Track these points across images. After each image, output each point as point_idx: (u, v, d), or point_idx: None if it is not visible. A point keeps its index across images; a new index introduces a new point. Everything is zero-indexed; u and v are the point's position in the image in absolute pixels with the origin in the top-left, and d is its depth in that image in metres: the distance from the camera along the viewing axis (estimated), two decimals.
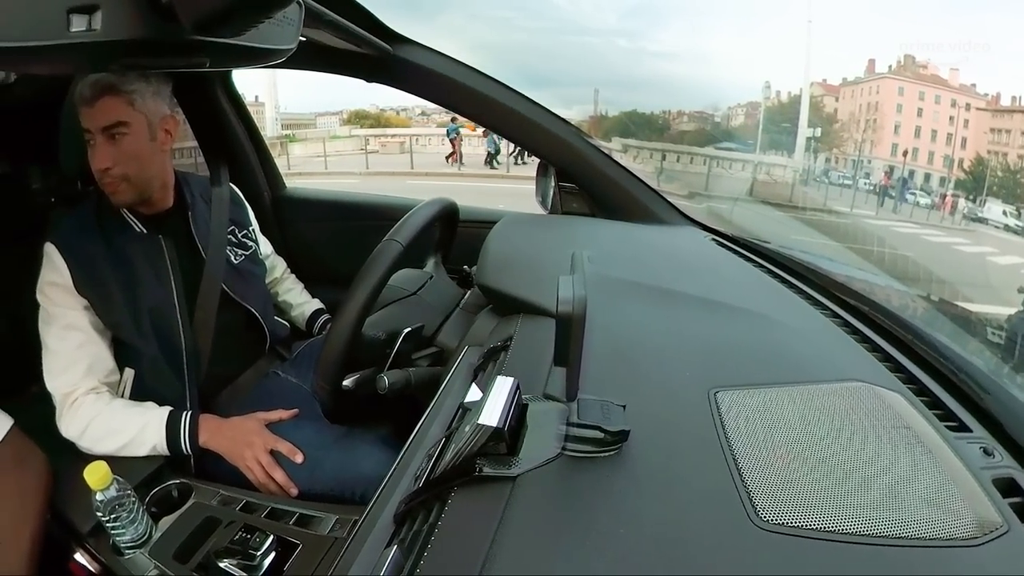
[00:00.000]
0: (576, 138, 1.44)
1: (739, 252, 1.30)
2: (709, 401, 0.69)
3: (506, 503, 0.56)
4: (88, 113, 1.14)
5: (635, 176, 1.47)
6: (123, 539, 0.95)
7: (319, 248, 1.98)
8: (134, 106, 1.15)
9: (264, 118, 23.17)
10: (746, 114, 19.46)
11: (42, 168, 2.48)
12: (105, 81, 1.12)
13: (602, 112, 17.82)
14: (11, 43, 0.43)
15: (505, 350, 0.87)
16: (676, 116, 20.12)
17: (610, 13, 57.88)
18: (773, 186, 14.74)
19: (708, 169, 15.17)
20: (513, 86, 1.41)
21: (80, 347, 1.17)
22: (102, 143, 1.15)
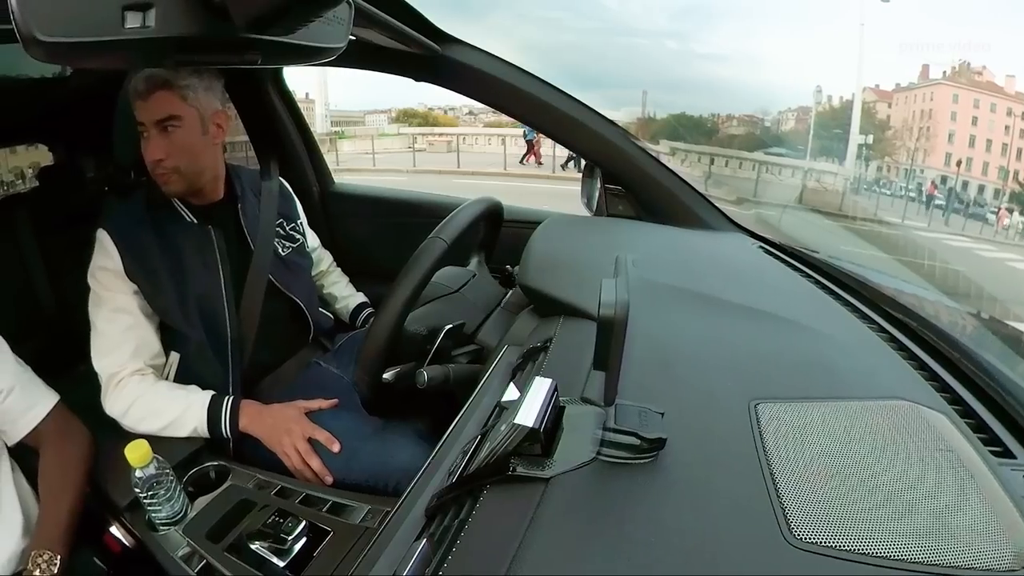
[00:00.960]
0: (623, 140, 1.43)
1: (786, 261, 1.27)
2: (749, 413, 0.67)
3: (537, 504, 0.55)
4: (142, 107, 1.18)
5: (682, 180, 1.45)
6: (159, 516, 0.98)
7: (365, 243, 2.01)
8: (186, 100, 1.18)
9: (314, 115, 23.63)
10: (797, 119, 18.98)
11: (96, 158, 2.60)
12: (159, 76, 1.16)
13: (650, 114, 17.61)
14: (68, 38, 0.45)
15: (544, 351, 0.87)
16: (725, 120, 19.75)
17: (659, 14, 57.24)
18: (823, 194, 14.33)
19: (757, 174, 14.84)
20: (561, 87, 1.40)
21: (128, 330, 1.21)
22: (155, 136, 1.19)
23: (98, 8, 0.46)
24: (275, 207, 1.45)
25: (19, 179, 3.82)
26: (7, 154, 3.80)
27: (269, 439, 1.17)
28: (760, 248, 1.33)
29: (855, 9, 18.73)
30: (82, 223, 1.41)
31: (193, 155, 1.22)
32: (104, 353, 1.21)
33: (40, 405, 1.11)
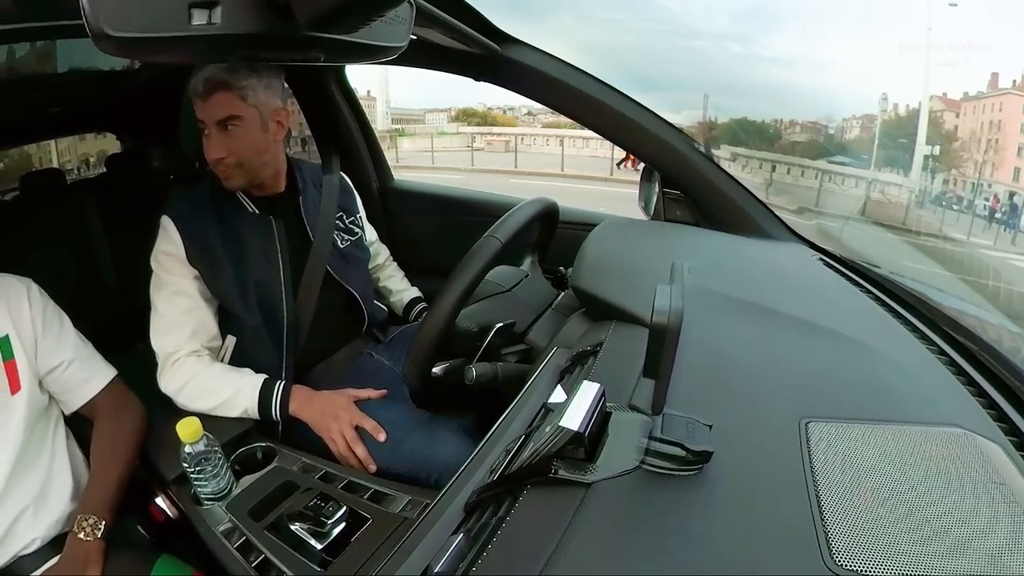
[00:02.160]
0: (683, 144, 1.40)
1: (846, 275, 1.22)
2: (799, 431, 0.65)
3: (577, 508, 0.55)
4: (202, 107, 1.21)
5: (743, 186, 1.41)
6: (204, 491, 1.01)
7: (422, 239, 2.03)
8: (246, 100, 1.21)
9: (375, 112, 24.01)
10: (861, 127, 18.15)
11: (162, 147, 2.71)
12: (217, 77, 1.19)
13: (711, 118, 17.16)
14: (135, 34, 0.47)
15: (594, 355, 0.86)
16: (788, 126, 19.09)
17: (722, 16, 55.86)
18: (887, 206, 13.69)
19: (820, 183, 14.31)
20: (621, 89, 1.39)
21: (187, 312, 1.26)
22: (216, 134, 1.22)
23: (165, 5, 0.47)
24: (335, 201, 1.48)
25: (83, 165, 4.04)
26: (76, 141, 4.02)
27: (317, 424, 1.20)
28: (820, 260, 1.29)
29: (922, 13, 17.82)
30: (147, 209, 1.47)
31: (254, 152, 1.25)
32: (163, 333, 1.26)
33: (98, 378, 1.17)
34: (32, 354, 1.10)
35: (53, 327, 1.14)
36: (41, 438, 1.09)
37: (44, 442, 1.10)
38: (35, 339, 1.11)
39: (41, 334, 1.11)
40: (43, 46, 1.87)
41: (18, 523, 1.01)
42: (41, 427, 1.10)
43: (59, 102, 2.31)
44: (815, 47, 32.43)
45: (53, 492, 1.07)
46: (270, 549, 0.90)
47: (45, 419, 1.11)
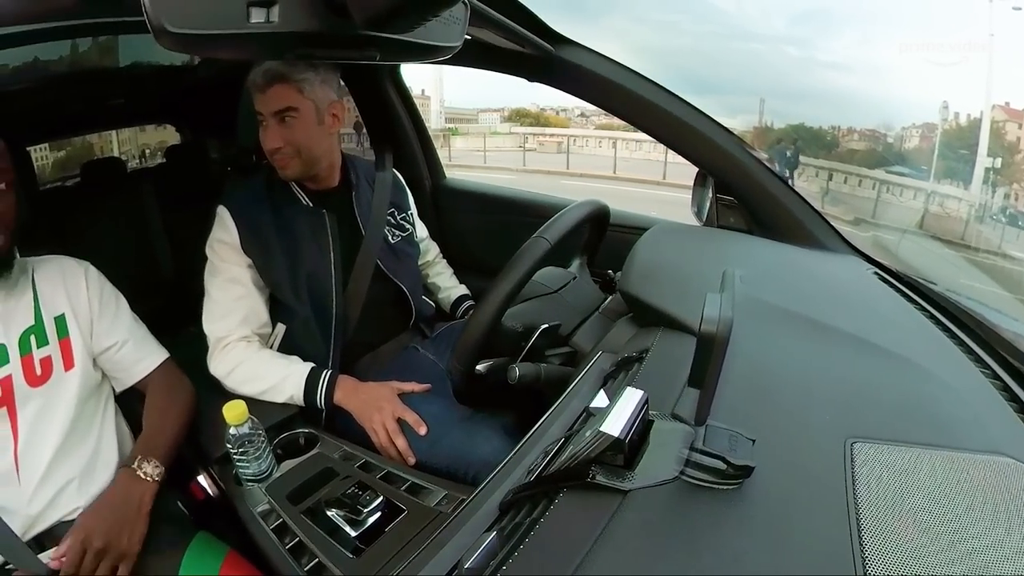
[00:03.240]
0: (738, 149, 1.37)
1: (901, 291, 1.17)
2: (844, 451, 0.63)
3: (612, 515, 0.54)
4: (261, 98, 1.26)
5: (798, 194, 1.37)
6: (246, 472, 1.04)
7: (471, 237, 2.04)
8: (303, 93, 1.25)
9: (429, 111, 24.25)
10: (921, 136, 17.32)
11: (220, 140, 2.80)
12: (276, 70, 1.23)
13: (767, 123, 16.72)
14: (195, 30, 0.48)
15: (639, 361, 0.85)
16: (846, 133, 18.39)
17: (778, 18, 54.33)
18: (946, 220, 13.04)
19: (877, 194, 13.76)
20: (676, 92, 1.36)
21: (239, 299, 1.30)
22: (273, 126, 1.26)
23: (224, 3, 0.49)
24: (387, 197, 1.51)
25: (143, 155, 4.21)
26: (137, 132, 4.18)
27: (360, 414, 1.22)
28: (875, 274, 1.24)
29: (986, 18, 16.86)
30: (204, 199, 1.52)
31: (309, 144, 1.29)
32: (215, 318, 1.30)
33: (150, 358, 1.23)
34: (87, 333, 1.15)
35: (109, 308, 1.19)
36: (92, 414, 1.14)
37: (94, 418, 1.15)
38: (91, 319, 1.16)
39: (97, 315, 1.17)
40: (105, 41, 1.96)
41: (63, 492, 1.06)
42: (92, 403, 1.15)
43: (120, 94, 2.41)
44: (874, 51, 31.23)
45: (99, 466, 1.11)
46: (305, 533, 0.92)
47: (96, 396, 1.16)
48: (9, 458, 1.03)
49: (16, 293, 1.10)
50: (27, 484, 1.03)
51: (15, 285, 1.11)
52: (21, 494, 1.02)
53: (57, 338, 1.12)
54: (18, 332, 1.08)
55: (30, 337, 1.09)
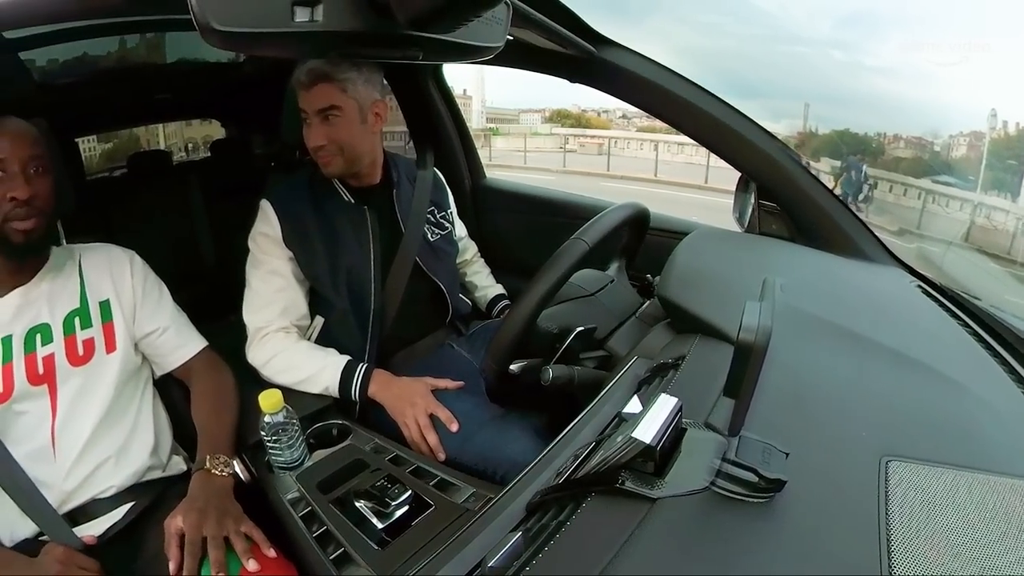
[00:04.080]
0: (782, 155, 1.34)
1: (945, 305, 1.14)
2: (879, 469, 0.62)
3: (639, 523, 0.54)
4: (305, 96, 1.28)
5: (842, 202, 1.34)
6: (278, 460, 1.06)
7: (510, 237, 2.04)
8: (346, 92, 1.27)
9: (471, 111, 24.36)
10: (968, 145, 16.63)
11: (264, 136, 2.85)
12: (320, 69, 1.25)
13: (811, 128, 16.29)
14: (241, 28, 0.49)
15: (675, 368, 0.84)
16: (892, 140, 17.79)
17: (824, 21, 52.94)
18: (993, 233, 12.49)
19: (923, 204, 13.28)
20: (718, 95, 1.34)
21: (279, 291, 1.32)
22: (317, 123, 1.28)
23: (270, 2, 0.50)
24: (428, 195, 1.52)
25: (188, 149, 4.32)
26: (183, 126, 4.29)
27: (393, 408, 1.23)
28: (918, 287, 1.21)
29: None
30: (247, 193, 1.55)
31: (352, 142, 1.31)
32: (255, 309, 1.33)
33: (190, 345, 1.26)
34: (130, 319, 1.19)
35: (152, 295, 1.24)
36: (130, 396, 1.18)
37: (132, 400, 1.18)
38: (134, 305, 1.20)
39: (140, 301, 1.21)
40: (153, 37, 2.03)
41: (99, 471, 1.09)
42: (131, 386, 1.19)
43: (167, 90, 2.47)
44: (920, 56, 30.11)
45: (135, 447, 1.15)
46: (333, 522, 0.92)
47: (135, 379, 1.20)
48: (46, 433, 1.07)
49: (62, 277, 1.15)
50: (63, 460, 1.07)
51: (61, 269, 1.16)
52: (57, 470, 1.06)
53: (101, 321, 1.16)
54: (63, 314, 1.12)
55: (74, 319, 1.13)
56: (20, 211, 1.03)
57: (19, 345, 1.07)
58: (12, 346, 1.07)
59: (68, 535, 1.03)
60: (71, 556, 0.97)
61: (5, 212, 1.03)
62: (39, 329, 1.10)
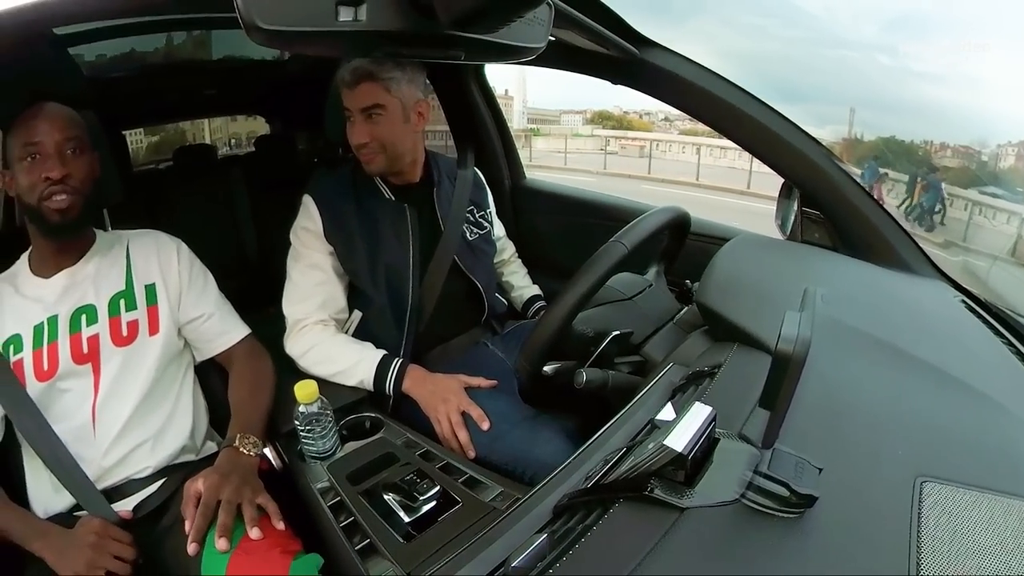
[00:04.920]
0: (827, 161, 1.31)
1: (989, 322, 1.09)
2: (913, 490, 0.60)
3: (666, 531, 0.53)
4: (349, 95, 1.30)
5: (887, 212, 1.30)
6: (310, 449, 1.08)
7: (548, 238, 2.03)
8: (390, 91, 1.29)
9: (512, 111, 24.29)
10: (1017, 155, 15.93)
11: (308, 133, 2.89)
12: (364, 68, 1.27)
13: (857, 135, 15.79)
14: (285, 27, 0.50)
15: (711, 377, 0.83)
16: (938, 149, 17.14)
17: (870, 24, 50.91)
18: None
19: (969, 216, 12.76)
20: (762, 98, 1.32)
21: (319, 284, 1.35)
22: (360, 121, 1.31)
23: (314, 1, 0.51)
24: (468, 194, 1.54)
25: (231, 144, 4.41)
26: (228, 122, 4.39)
27: (426, 404, 1.24)
28: (961, 302, 1.16)
29: None
30: (290, 188, 1.57)
31: (394, 140, 1.33)
32: (294, 301, 1.35)
33: (233, 332, 1.30)
34: (175, 304, 1.24)
35: (197, 283, 1.28)
36: (171, 380, 1.22)
37: (173, 383, 1.22)
38: (180, 291, 1.25)
39: (186, 287, 1.25)
40: (199, 35, 2.09)
41: (136, 452, 1.13)
42: (172, 370, 1.23)
43: (213, 85, 2.55)
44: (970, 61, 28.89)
45: (172, 429, 1.18)
46: (360, 513, 0.94)
47: (176, 363, 1.24)
48: (87, 411, 1.11)
49: (109, 260, 1.21)
50: (102, 439, 1.11)
51: (108, 252, 1.21)
52: (96, 448, 1.10)
53: (146, 304, 1.20)
54: (108, 295, 1.17)
55: (120, 301, 1.18)
56: (55, 188, 1.08)
57: (64, 325, 1.12)
58: (58, 326, 1.12)
59: (105, 509, 1.06)
60: (106, 528, 1.00)
61: (41, 191, 1.08)
62: (84, 310, 1.14)
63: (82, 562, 0.95)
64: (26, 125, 1.10)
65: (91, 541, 0.97)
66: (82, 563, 0.94)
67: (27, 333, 1.11)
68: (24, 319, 1.12)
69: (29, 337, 1.11)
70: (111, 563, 0.96)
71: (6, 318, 1.12)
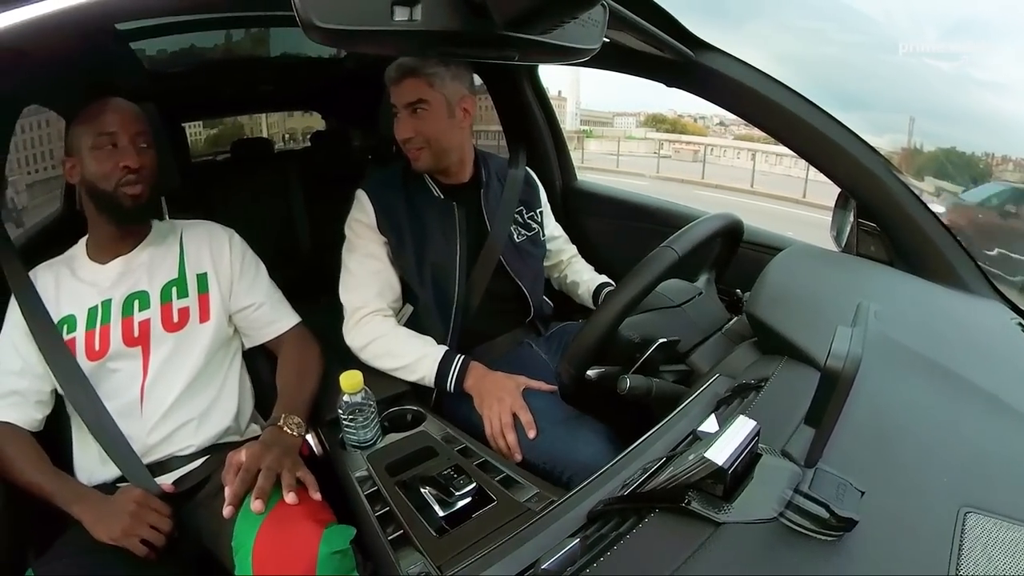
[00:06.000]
0: (885, 172, 1.25)
1: None
2: (956, 520, 0.57)
3: (700, 545, 0.53)
4: (394, 91, 1.33)
5: (947, 228, 1.25)
6: (352, 438, 1.10)
7: (598, 241, 2.01)
8: (433, 87, 1.30)
9: (565, 112, 24.26)
10: None
11: (362, 130, 2.93)
12: (408, 64, 1.29)
13: (916, 145, 15.11)
14: (341, 26, 0.52)
15: (757, 390, 0.82)
16: (1000, 162, 16.26)
17: (930, 29, 48.54)
18: None
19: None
20: (818, 104, 1.28)
21: (375, 273, 1.37)
22: (405, 117, 1.33)
23: (370, 1, 0.52)
24: (517, 195, 1.54)
25: (286, 139, 4.52)
26: (285, 117, 4.50)
27: (480, 400, 1.24)
28: (1019, 325, 1.11)
29: None
30: (344, 183, 1.61)
31: (439, 135, 1.34)
32: (351, 289, 1.38)
33: (283, 321, 1.34)
34: (227, 293, 1.28)
35: (249, 272, 1.32)
36: (219, 365, 1.26)
37: (220, 368, 1.27)
38: (231, 280, 1.29)
39: (238, 277, 1.30)
40: (257, 32, 2.14)
41: (181, 431, 1.17)
42: (221, 355, 1.27)
43: (270, 82, 2.61)
44: None
45: (217, 412, 1.23)
46: (396, 503, 0.94)
47: (225, 349, 1.29)
48: (135, 391, 1.16)
49: (163, 248, 1.26)
50: (148, 417, 1.15)
51: (163, 241, 1.27)
52: (142, 426, 1.15)
53: (197, 292, 1.25)
54: (161, 283, 1.22)
55: (172, 288, 1.23)
56: (131, 177, 1.15)
57: (117, 309, 1.18)
58: (111, 309, 1.17)
59: (148, 480, 1.11)
60: (147, 499, 1.05)
61: (117, 179, 1.15)
62: (137, 295, 1.20)
63: (119, 528, 0.99)
64: (98, 117, 1.16)
65: (131, 510, 1.01)
66: (119, 529, 0.99)
67: (81, 314, 1.17)
68: (79, 301, 1.18)
69: (83, 318, 1.16)
70: (147, 532, 1.01)
71: (62, 299, 1.18)
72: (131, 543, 0.99)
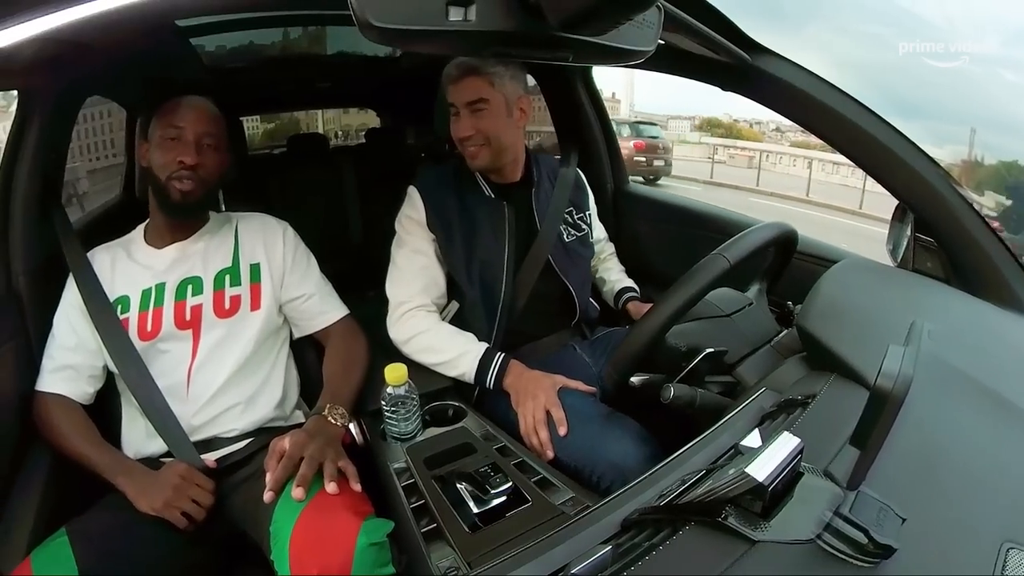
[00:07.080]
0: (944, 185, 1.21)
1: None
2: (998, 555, 0.55)
3: (733, 562, 0.52)
4: (454, 90, 1.34)
5: (1007, 247, 1.20)
6: (393, 430, 1.12)
7: (648, 246, 2.00)
8: (494, 86, 1.31)
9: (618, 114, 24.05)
10: None
11: (416, 128, 2.96)
12: (469, 63, 1.31)
13: (977, 157, 14.38)
14: (397, 25, 0.53)
15: (803, 407, 0.80)
16: None
17: (993, 35, 45.96)
18: None
19: None
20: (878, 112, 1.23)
21: (422, 269, 1.39)
22: (465, 116, 1.34)
23: (426, 1, 0.53)
24: (567, 195, 1.54)
25: (341, 135, 4.60)
26: (340, 114, 4.59)
27: (517, 396, 1.25)
28: None
29: None
30: (396, 179, 1.63)
31: (498, 134, 1.35)
32: (397, 283, 1.40)
33: (332, 312, 1.37)
34: (278, 284, 1.32)
35: (301, 264, 1.35)
36: (267, 352, 1.30)
37: (268, 356, 1.30)
38: (283, 272, 1.32)
39: (290, 268, 1.33)
40: (315, 30, 2.19)
41: (226, 414, 1.21)
42: (269, 343, 1.31)
43: (327, 79, 2.67)
44: None
45: (263, 398, 1.26)
46: (432, 497, 0.95)
47: (274, 338, 1.32)
48: (183, 373, 1.20)
49: (218, 238, 1.31)
50: (195, 399, 1.19)
51: (218, 231, 1.32)
52: (188, 407, 1.19)
53: (249, 282, 1.29)
54: (215, 270, 1.27)
55: (225, 276, 1.27)
56: (184, 173, 1.20)
57: (171, 293, 1.22)
58: (164, 293, 1.22)
59: (193, 455, 1.15)
60: (191, 473, 1.09)
61: (171, 171, 1.20)
62: (191, 281, 1.24)
63: (161, 500, 1.03)
64: (173, 111, 1.21)
65: (175, 483, 1.05)
66: (160, 501, 1.03)
67: (135, 296, 1.22)
68: (134, 283, 1.23)
69: (136, 299, 1.21)
70: (189, 505, 1.04)
71: (117, 280, 1.23)
72: (172, 514, 1.03)
